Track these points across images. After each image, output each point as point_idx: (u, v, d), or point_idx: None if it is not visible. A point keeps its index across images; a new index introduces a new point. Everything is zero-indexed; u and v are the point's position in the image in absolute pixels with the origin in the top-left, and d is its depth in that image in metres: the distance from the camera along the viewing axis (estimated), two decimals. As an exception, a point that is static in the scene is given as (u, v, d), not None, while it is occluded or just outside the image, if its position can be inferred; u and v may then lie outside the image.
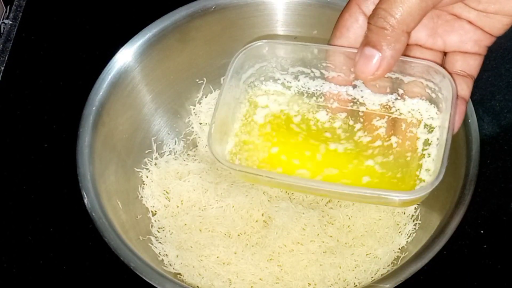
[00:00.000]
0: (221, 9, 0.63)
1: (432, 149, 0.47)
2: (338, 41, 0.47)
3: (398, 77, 0.48)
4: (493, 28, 0.45)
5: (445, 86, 0.46)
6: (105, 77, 0.59)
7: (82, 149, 0.56)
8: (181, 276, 0.58)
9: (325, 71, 0.49)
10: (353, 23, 0.46)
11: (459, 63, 0.47)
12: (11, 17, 0.76)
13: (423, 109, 0.48)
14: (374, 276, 0.56)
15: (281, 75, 0.50)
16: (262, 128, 0.50)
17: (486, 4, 0.44)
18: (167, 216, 0.61)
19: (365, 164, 0.47)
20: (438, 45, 0.47)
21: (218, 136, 0.47)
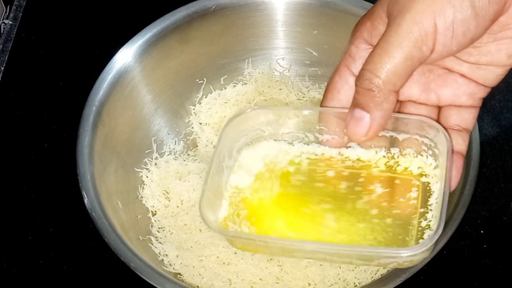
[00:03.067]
0: (221, 9, 0.63)
1: (432, 208, 0.46)
2: (330, 103, 0.47)
3: (393, 135, 0.47)
4: (486, 79, 0.45)
5: (440, 140, 0.45)
6: (105, 77, 0.59)
7: (82, 149, 0.56)
8: (181, 276, 0.58)
9: (319, 135, 0.49)
10: (343, 84, 0.46)
11: (454, 117, 0.47)
12: (11, 17, 0.76)
13: (420, 165, 0.48)
14: (374, 276, 0.56)
15: (275, 141, 0.50)
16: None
17: (478, 56, 0.44)
18: (167, 216, 0.61)
19: (366, 227, 0.46)
20: (432, 100, 0.46)
21: (210, 202, 0.46)
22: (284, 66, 0.68)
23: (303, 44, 0.66)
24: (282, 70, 0.68)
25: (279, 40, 0.66)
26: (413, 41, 0.40)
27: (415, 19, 0.40)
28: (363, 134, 0.44)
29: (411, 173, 0.48)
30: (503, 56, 0.43)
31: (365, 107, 0.43)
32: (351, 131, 0.44)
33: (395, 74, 0.41)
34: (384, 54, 0.41)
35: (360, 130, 0.44)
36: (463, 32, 0.41)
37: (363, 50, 0.45)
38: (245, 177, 0.49)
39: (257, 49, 0.66)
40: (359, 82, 0.43)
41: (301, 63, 0.67)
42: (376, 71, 0.41)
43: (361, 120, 0.43)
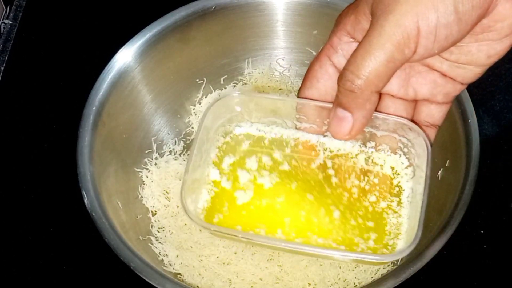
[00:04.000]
0: (221, 9, 0.63)
1: (404, 205, 0.48)
2: (309, 91, 0.47)
3: (371, 130, 0.48)
4: (465, 77, 0.45)
5: (419, 143, 0.46)
6: (105, 77, 0.59)
7: (82, 149, 0.56)
8: (181, 276, 0.58)
9: (297, 122, 0.50)
10: (323, 74, 0.46)
11: (424, 113, 0.48)
12: (11, 17, 0.76)
13: (394, 163, 0.49)
14: (374, 276, 0.56)
15: (252, 124, 0.51)
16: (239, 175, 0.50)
17: (458, 55, 0.44)
18: (167, 216, 0.61)
19: (338, 221, 0.47)
20: (409, 95, 0.47)
21: (191, 191, 0.47)
22: (284, 66, 0.68)
23: (303, 44, 0.66)
24: (282, 70, 0.68)
25: (279, 40, 0.66)
26: (396, 44, 0.41)
27: (398, 22, 0.40)
28: (346, 133, 0.45)
29: (383, 169, 0.49)
30: (483, 56, 0.44)
31: (348, 107, 0.44)
32: (333, 129, 0.45)
33: (377, 76, 0.41)
34: (367, 55, 0.41)
35: (342, 129, 0.45)
36: (446, 36, 0.41)
37: (345, 43, 0.45)
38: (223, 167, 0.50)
39: (257, 49, 0.66)
40: (341, 83, 0.43)
41: (301, 63, 0.67)
42: (358, 73, 0.42)
43: (344, 119, 0.44)
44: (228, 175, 0.50)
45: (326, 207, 0.48)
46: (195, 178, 0.48)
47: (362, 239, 0.46)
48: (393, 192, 0.49)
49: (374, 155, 0.50)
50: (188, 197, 0.46)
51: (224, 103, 0.49)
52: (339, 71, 0.46)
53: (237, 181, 0.49)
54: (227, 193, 0.49)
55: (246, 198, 0.48)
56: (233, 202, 0.48)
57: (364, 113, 0.44)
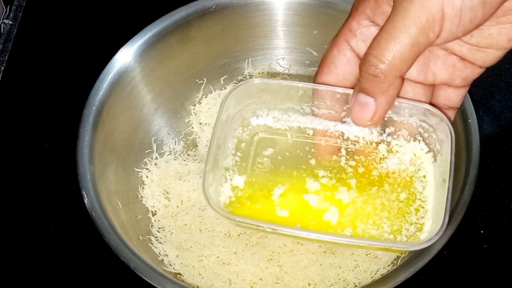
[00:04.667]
0: (221, 9, 0.63)
1: (428, 189, 0.47)
2: (326, 77, 0.46)
3: (391, 116, 0.48)
4: (485, 61, 0.45)
5: (442, 129, 0.46)
6: (105, 77, 0.59)
7: (82, 149, 0.56)
8: (181, 276, 0.58)
9: (315, 108, 0.49)
10: (341, 59, 0.46)
11: (443, 97, 0.47)
12: (11, 17, 0.76)
13: (414, 149, 0.48)
14: (374, 276, 0.56)
15: (270, 111, 0.50)
16: (259, 166, 0.49)
17: (479, 39, 0.43)
18: (167, 216, 0.61)
19: (364, 210, 0.47)
20: (429, 80, 0.46)
21: (212, 181, 0.46)
22: (284, 66, 0.68)
23: (303, 44, 0.66)
24: (282, 70, 0.68)
25: (279, 40, 0.66)
26: (421, 27, 0.40)
27: (423, 5, 0.40)
28: (368, 119, 0.44)
29: (404, 157, 0.48)
30: (504, 39, 0.43)
31: (371, 92, 0.43)
32: (355, 115, 0.44)
33: (401, 60, 0.41)
34: (391, 39, 0.40)
35: (365, 115, 0.44)
36: (470, 19, 0.40)
37: (364, 27, 0.45)
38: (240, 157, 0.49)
39: (257, 49, 0.66)
40: (364, 67, 0.42)
41: (301, 63, 0.67)
42: (382, 57, 0.41)
43: (366, 105, 0.43)
44: (249, 174, 0.49)
45: (367, 194, 0.47)
46: (215, 169, 0.47)
47: (388, 227, 0.46)
48: (414, 180, 0.48)
49: (393, 143, 0.49)
50: (210, 188, 0.45)
51: (243, 90, 0.48)
52: (357, 56, 0.45)
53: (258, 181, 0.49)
54: (251, 183, 0.48)
55: (282, 189, 0.48)
56: (259, 198, 0.48)
57: (388, 98, 0.43)
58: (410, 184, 0.48)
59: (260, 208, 0.47)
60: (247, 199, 0.48)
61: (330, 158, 0.49)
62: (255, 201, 0.48)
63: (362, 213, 0.47)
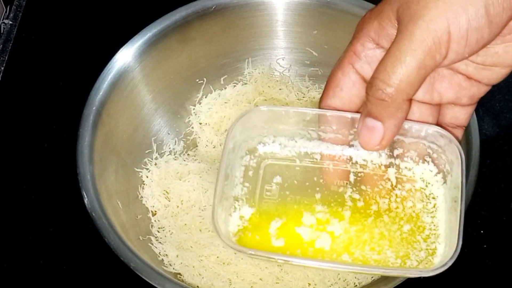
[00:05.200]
0: (221, 9, 0.63)
1: (439, 214, 0.46)
2: (331, 100, 0.46)
3: (399, 138, 0.47)
4: (491, 79, 0.45)
5: (451, 150, 0.45)
6: (105, 77, 0.59)
7: (82, 149, 0.56)
8: (181, 276, 0.58)
9: (321, 133, 0.48)
10: (346, 82, 0.45)
11: (449, 116, 0.47)
12: (11, 17, 0.76)
13: (423, 171, 0.48)
14: (374, 276, 0.56)
15: (276, 138, 0.49)
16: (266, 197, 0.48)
17: (485, 57, 0.43)
18: (167, 216, 0.61)
19: (359, 238, 0.46)
20: (434, 100, 0.46)
21: (221, 212, 0.46)
22: (284, 66, 0.68)
23: (303, 44, 0.66)
24: (282, 70, 0.68)
25: (279, 40, 0.66)
26: (427, 50, 0.40)
27: (429, 27, 0.39)
28: (377, 143, 0.43)
29: (413, 179, 0.47)
30: (510, 57, 0.43)
31: (378, 116, 0.42)
32: (363, 140, 0.44)
33: (408, 83, 0.40)
34: (397, 62, 0.40)
35: (373, 140, 0.43)
36: (477, 39, 0.40)
37: (369, 49, 0.44)
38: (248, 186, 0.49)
39: (257, 49, 0.66)
40: (371, 92, 0.42)
41: (301, 63, 0.67)
42: (389, 81, 0.40)
43: (374, 129, 0.43)
44: (258, 203, 0.48)
45: (361, 224, 0.46)
46: (223, 200, 0.46)
47: (391, 253, 0.45)
48: (426, 202, 0.47)
49: (402, 165, 0.48)
50: (219, 219, 0.45)
51: (248, 118, 0.47)
52: (362, 78, 0.45)
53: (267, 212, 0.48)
54: (259, 222, 0.48)
55: (279, 223, 0.47)
56: (266, 229, 0.47)
57: (396, 122, 0.42)
58: (417, 219, 0.47)
59: (258, 239, 0.46)
60: (251, 230, 0.47)
61: (338, 186, 0.48)
62: (256, 232, 0.47)
63: (358, 240, 0.46)
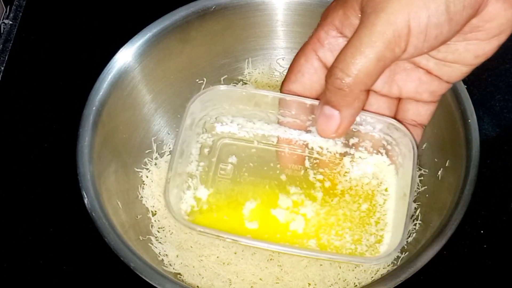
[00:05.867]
0: (221, 9, 0.63)
1: (389, 202, 0.48)
2: (293, 85, 0.47)
3: (355, 127, 0.48)
4: (451, 76, 0.45)
5: (405, 143, 0.46)
6: (105, 77, 0.59)
7: (82, 149, 0.56)
8: (181, 276, 0.58)
9: (280, 116, 0.49)
10: (308, 68, 0.46)
11: (411, 112, 0.47)
12: (11, 17, 0.76)
13: (376, 162, 0.49)
14: (374, 276, 0.56)
15: (235, 118, 0.50)
16: (222, 174, 0.49)
17: (445, 54, 0.44)
18: (167, 216, 0.61)
19: (327, 221, 0.48)
20: (393, 92, 0.47)
21: (175, 190, 0.46)
22: (284, 66, 0.68)
23: (303, 44, 0.66)
24: (282, 70, 0.68)
25: (279, 40, 0.66)
26: (386, 42, 0.40)
27: (390, 20, 0.40)
28: (333, 132, 0.44)
29: (366, 169, 0.49)
30: (471, 56, 0.43)
31: (336, 105, 0.43)
32: (320, 127, 0.44)
33: (366, 74, 0.41)
34: (357, 53, 0.41)
35: (329, 128, 0.44)
36: (436, 35, 0.41)
37: (332, 37, 0.45)
38: (203, 162, 0.50)
39: (257, 49, 0.66)
40: (330, 80, 0.42)
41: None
42: (348, 71, 0.41)
43: (331, 117, 0.44)
44: (212, 182, 0.49)
45: (329, 206, 0.48)
46: (177, 176, 0.47)
47: (350, 237, 0.47)
48: (376, 193, 0.49)
49: (356, 155, 0.49)
50: (172, 195, 0.45)
51: (208, 96, 0.48)
52: (324, 66, 0.45)
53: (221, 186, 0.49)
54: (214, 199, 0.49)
55: (254, 204, 0.48)
56: (222, 207, 0.48)
57: (352, 112, 0.43)
58: (372, 197, 0.48)
59: (227, 220, 0.47)
60: (213, 210, 0.48)
61: (295, 168, 0.49)
62: (222, 212, 0.48)
63: (326, 223, 0.47)
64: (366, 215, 0.48)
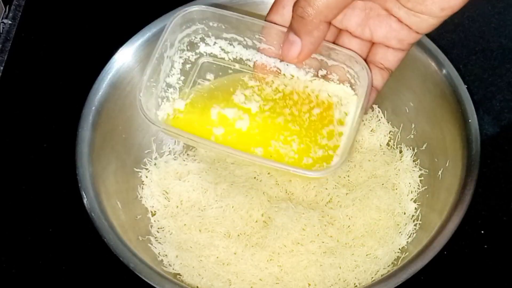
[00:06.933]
0: (221, 9, 0.62)
1: (344, 129, 0.51)
2: (274, 17, 0.50)
3: (323, 59, 0.51)
4: (420, 27, 0.48)
5: (363, 75, 0.50)
6: (105, 77, 0.59)
7: (81, 149, 0.56)
8: (180, 277, 0.58)
9: (257, 42, 0.52)
10: (289, 2, 0.49)
11: (380, 55, 0.50)
12: (11, 16, 0.76)
13: (341, 90, 0.52)
14: (374, 277, 0.56)
15: (216, 39, 0.53)
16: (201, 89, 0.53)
17: (414, 4, 0.46)
18: (166, 216, 0.60)
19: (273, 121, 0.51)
20: (365, 35, 0.50)
21: (149, 96, 0.50)
22: (284, 66, 0.67)
23: None
24: (282, 70, 0.68)
25: (279, 39, 0.66)
26: None
27: None
28: (294, 57, 0.48)
29: (330, 96, 0.52)
30: (437, 8, 0.46)
31: (298, 32, 0.47)
32: (284, 52, 0.48)
33: (327, 7, 0.45)
34: None
35: (292, 53, 0.48)
36: None
37: None
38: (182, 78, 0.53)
39: (257, 49, 0.66)
40: (295, 8, 0.46)
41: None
42: (311, 1, 0.45)
43: (294, 43, 0.48)
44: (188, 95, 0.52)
45: (277, 126, 0.51)
46: (155, 83, 0.50)
47: (296, 146, 0.50)
48: (334, 107, 0.51)
49: (324, 83, 0.52)
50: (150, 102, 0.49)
51: (190, 15, 0.51)
52: None
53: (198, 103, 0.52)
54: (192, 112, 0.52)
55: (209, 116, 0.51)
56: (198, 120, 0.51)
57: (312, 40, 0.47)
58: (329, 108, 0.52)
59: (197, 125, 0.51)
60: (186, 120, 0.51)
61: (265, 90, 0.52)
62: (194, 119, 0.51)
63: (273, 124, 0.51)
64: (319, 121, 0.51)
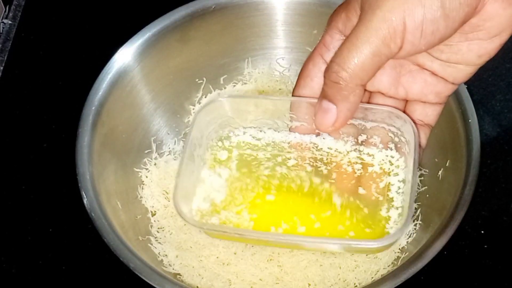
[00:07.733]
0: (221, 8, 0.63)
1: (396, 194, 0.48)
2: (302, 90, 0.48)
3: (360, 123, 0.49)
4: (456, 77, 0.46)
5: (407, 130, 0.47)
6: (105, 77, 0.59)
7: (81, 149, 0.56)
8: (180, 277, 0.58)
9: (289, 122, 0.50)
10: (316, 72, 0.47)
11: (418, 112, 0.48)
12: (10, 16, 0.76)
13: (386, 154, 0.50)
14: (374, 277, 0.56)
15: (245, 129, 0.51)
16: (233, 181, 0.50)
17: (449, 54, 0.45)
18: (166, 216, 0.60)
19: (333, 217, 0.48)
20: (400, 94, 0.48)
21: (184, 194, 0.47)
22: (284, 66, 0.67)
23: (303, 44, 0.66)
24: (282, 70, 0.68)
25: (279, 40, 0.66)
26: (382, 38, 0.41)
27: (385, 17, 0.41)
28: (330, 125, 0.46)
29: (374, 164, 0.50)
30: (474, 56, 0.44)
31: (332, 99, 0.45)
32: (318, 121, 0.46)
33: (362, 69, 0.42)
34: (353, 48, 0.42)
35: (327, 121, 0.45)
36: (432, 31, 0.41)
37: (337, 41, 0.46)
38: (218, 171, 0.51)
39: (257, 49, 0.66)
40: (327, 74, 0.44)
41: (301, 63, 0.66)
42: (344, 65, 0.42)
43: (328, 111, 0.45)
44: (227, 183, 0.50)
45: (321, 205, 0.48)
46: (189, 181, 0.48)
47: (357, 231, 0.47)
48: (385, 185, 0.49)
49: (365, 151, 0.50)
50: (182, 199, 0.46)
51: (213, 108, 0.49)
52: None
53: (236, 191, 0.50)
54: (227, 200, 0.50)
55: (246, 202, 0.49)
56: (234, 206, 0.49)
57: (348, 105, 0.44)
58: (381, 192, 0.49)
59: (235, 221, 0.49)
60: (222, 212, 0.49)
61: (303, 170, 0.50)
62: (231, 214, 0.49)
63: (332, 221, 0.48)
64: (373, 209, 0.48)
